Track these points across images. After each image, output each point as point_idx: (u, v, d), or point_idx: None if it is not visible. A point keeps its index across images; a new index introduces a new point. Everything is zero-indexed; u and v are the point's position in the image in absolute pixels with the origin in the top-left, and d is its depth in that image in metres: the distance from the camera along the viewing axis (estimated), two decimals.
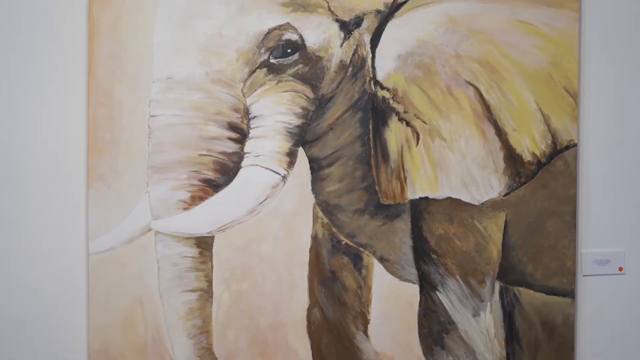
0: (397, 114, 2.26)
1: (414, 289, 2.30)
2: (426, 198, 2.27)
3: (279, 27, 2.24)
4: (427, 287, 2.29)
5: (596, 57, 2.38)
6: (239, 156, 2.25)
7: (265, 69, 2.25)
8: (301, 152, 2.28)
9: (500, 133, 2.24)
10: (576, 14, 2.30)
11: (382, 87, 2.26)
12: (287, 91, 2.26)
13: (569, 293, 2.27)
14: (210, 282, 2.28)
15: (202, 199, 2.24)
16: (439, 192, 2.27)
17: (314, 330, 2.30)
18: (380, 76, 2.27)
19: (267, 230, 2.28)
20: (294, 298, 2.30)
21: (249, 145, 2.25)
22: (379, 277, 2.31)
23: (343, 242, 2.30)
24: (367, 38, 2.27)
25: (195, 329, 2.28)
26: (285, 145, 2.26)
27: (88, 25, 2.24)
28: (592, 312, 2.33)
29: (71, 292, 2.26)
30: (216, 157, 2.24)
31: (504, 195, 2.19)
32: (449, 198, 2.25)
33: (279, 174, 2.26)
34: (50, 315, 2.24)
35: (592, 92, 2.37)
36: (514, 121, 2.25)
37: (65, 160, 2.24)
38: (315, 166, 2.28)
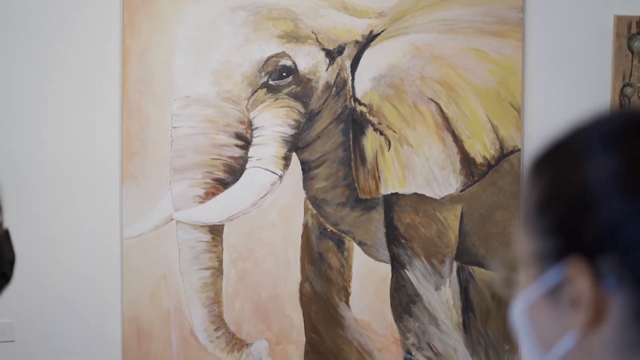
0: (373, 125, 2.45)
1: (387, 268, 2.48)
2: (396, 193, 2.46)
3: (276, 55, 2.44)
4: (397, 266, 2.47)
5: (536, 78, 2.51)
6: (244, 160, 2.46)
7: (265, 89, 2.45)
8: (294, 156, 2.48)
9: (457, 140, 2.43)
10: (519, 43, 2.46)
11: (360, 103, 2.46)
12: (282, 107, 2.46)
13: None
14: (220, 261, 2.47)
15: (214, 194, 2.45)
16: (407, 189, 2.46)
17: (305, 301, 2.48)
18: (358, 94, 2.46)
19: (267, 220, 2.47)
20: (289, 275, 2.48)
21: (252, 151, 2.46)
22: (358, 258, 2.48)
23: (329, 230, 2.49)
24: (348, 63, 2.47)
25: (209, 300, 2.47)
26: (282, 150, 2.47)
27: (122, 54, 2.45)
28: None
29: (108, 271, 2.46)
30: (225, 160, 2.45)
31: (460, 191, 2.39)
32: (415, 193, 2.44)
33: (277, 174, 2.46)
34: (91, 290, 2.45)
35: (533, 107, 2.50)
36: (469, 130, 2.44)
37: (103, 164, 2.46)
38: (306, 168, 2.47)
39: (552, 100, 2.51)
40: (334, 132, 2.48)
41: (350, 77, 2.48)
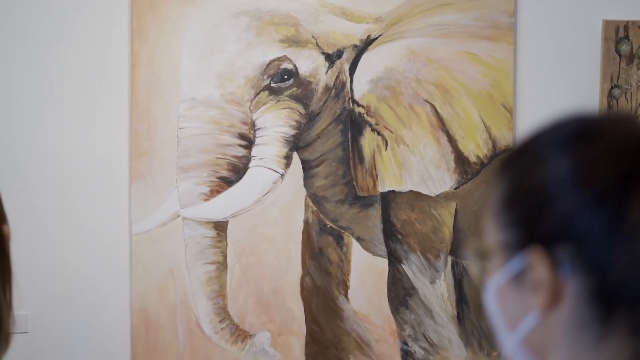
0: (370, 125, 2.47)
1: (384, 262, 2.50)
2: (393, 191, 2.48)
3: (278, 59, 2.46)
4: (394, 260, 2.49)
5: (527, 80, 2.53)
6: (247, 159, 2.48)
7: (267, 91, 2.47)
8: (295, 155, 2.50)
9: (452, 140, 2.46)
10: (511, 46, 2.48)
11: (359, 105, 2.48)
12: (284, 108, 2.48)
13: None
14: (225, 256, 2.48)
15: (218, 192, 2.48)
16: (403, 186, 2.48)
17: (306, 294, 2.50)
18: (357, 96, 2.48)
19: (269, 216, 2.49)
20: (290, 269, 2.50)
21: (254, 151, 2.48)
22: (357, 252, 2.50)
23: (328, 226, 2.50)
24: (346, 67, 2.48)
25: (214, 293, 2.48)
26: (283, 150, 2.49)
27: (130, 58, 2.47)
28: None
29: (118, 265, 2.48)
30: (229, 159, 2.47)
31: (454, 189, 2.42)
32: (411, 191, 2.46)
33: (278, 173, 2.48)
34: (101, 283, 2.47)
35: (525, 108, 2.51)
36: (462, 131, 2.46)
37: (113, 163, 2.48)
38: (306, 166, 2.49)
39: (542, 101, 2.53)
40: (333, 132, 2.50)
41: (349, 80, 2.49)
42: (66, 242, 2.41)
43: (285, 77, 2.47)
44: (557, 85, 2.53)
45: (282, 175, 2.49)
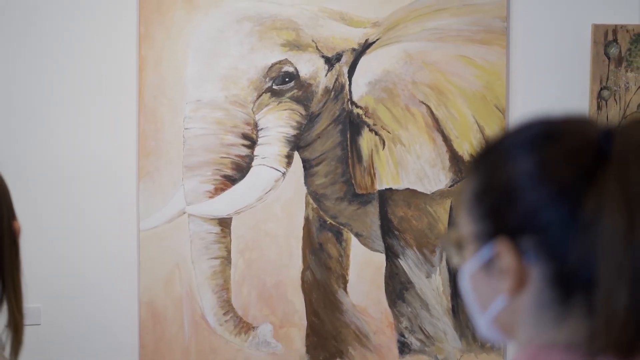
0: (368, 126, 2.48)
1: (382, 257, 2.50)
2: (390, 189, 2.47)
3: (280, 62, 2.46)
4: (391, 255, 2.49)
5: (519, 82, 2.51)
6: (250, 158, 2.48)
7: (269, 93, 2.47)
8: (296, 155, 2.50)
9: (447, 140, 2.46)
10: (504, 50, 2.47)
11: (357, 106, 2.48)
12: (285, 109, 2.48)
13: None
14: (229, 251, 2.48)
15: (223, 190, 2.48)
16: (400, 184, 2.48)
17: (306, 287, 2.50)
18: (355, 98, 2.48)
19: (271, 213, 2.49)
20: (292, 263, 2.49)
21: (257, 150, 2.48)
22: (355, 248, 2.50)
23: (328, 222, 2.50)
24: (345, 69, 2.48)
25: (218, 286, 2.48)
26: (285, 149, 2.49)
27: (138, 62, 2.47)
28: None
29: (126, 260, 2.48)
30: (233, 159, 2.48)
31: (449, 187, 2.43)
32: (408, 189, 2.46)
33: (280, 171, 2.48)
34: (110, 277, 2.48)
35: (517, 109, 2.50)
36: (457, 131, 2.46)
37: (121, 162, 2.48)
38: (307, 165, 2.50)
39: (534, 102, 2.51)
40: (332, 132, 2.49)
41: (348, 82, 2.49)
42: (77, 238, 2.42)
43: (287, 79, 2.47)
44: (548, 87, 2.53)
45: (284, 173, 2.49)
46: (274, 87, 2.47)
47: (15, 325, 1.39)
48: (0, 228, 1.34)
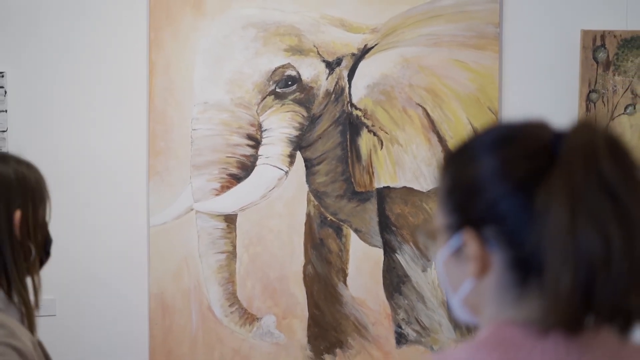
0: (367, 127, 2.49)
1: (380, 252, 2.50)
2: (388, 187, 2.48)
3: (283, 66, 2.47)
4: (389, 250, 2.50)
5: (511, 85, 2.52)
6: (254, 158, 2.49)
7: (272, 96, 2.47)
8: (298, 154, 2.50)
9: (442, 140, 2.46)
10: (496, 54, 2.47)
11: (356, 108, 2.49)
12: (288, 111, 2.48)
13: None
14: (234, 246, 2.49)
15: (228, 188, 2.48)
16: (398, 183, 2.48)
17: (308, 281, 2.50)
18: (354, 100, 2.49)
19: (275, 210, 2.49)
20: (294, 258, 2.50)
21: (261, 150, 2.49)
22: (355, 243, 2.51)
23: (328, 218, 2.51)
24: (345, 73, 2.48)
25: (224, 279, 2.49)
26: (287, 149, 2.49)
27: (148, 66, 2.48)
28: None
29: (137, 254, 2.49)
30: (238, 158, 2.48)
31: None
32: (405, 187, 2.47)
33: (283, 170, 2.49)
34: (122, 270, 2.48)
35: (509, 111, 2.51)
36: (451, 132, 2.47)
37: (133, 161, 2.49)
38: (309, 164, 2.50)
39: (526, 105, 2.52)
40: (333, 133, 2.50)
41: (347, 85, 2.49)
42: (90, 233, 2.43)
43: (289, 83, 2.47)
44: (539, 90, 2.53)
45: (287, 172, 2.49)
46: (277, 90, 2.47)
47: (25, 304, 1.43)
48: None
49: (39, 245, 1.45)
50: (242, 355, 2.50)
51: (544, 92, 2.54)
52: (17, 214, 1.38)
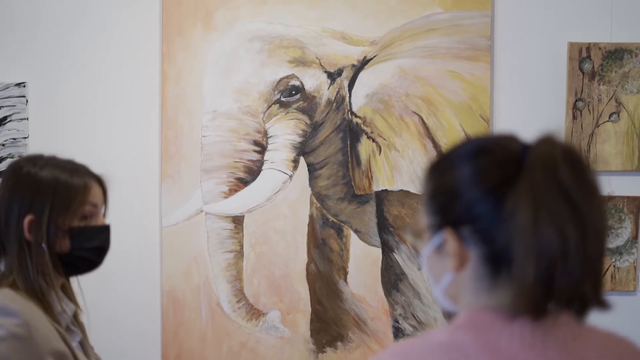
0: (366, 134, 2.50)
1: (378, 251, 2.51)
2: (386, 190, 2.50)
3: (287, 77, 2.49)
4: (387, 250, 2.51)
5: (502, 94, 2.53)
6: (260, 162, 2.50)
7: (277, 105, 2.49)
8: (302, 159, 2.52)
9: (436, 146, 2.48)
10: (488, 65, 2.48)
11: (356, 116, 2.50)
12: (292, 119, 2.50)
13: None
14: (242, 246, 2.51)
15: (236, 191, 2.51)
16: (395, 186, 2.49)
17: (311, 278, 2.52)
18: (354, 108, 2.50)
19: (279, 212, 2.51)
20: (298, 257, 2.52)
21: (267, 155, 2.50)
22: (354, 243, 2.52)
23: (330, 220, 2.52)
24: (346, 83, 2.49)
25: (232, 277, 2.51)
26: (291, 155, 2.51)
27: (161, 77, 2.51)
28: None
29: (150, 253, 2.53)
30: (245, 163, 2.50)
31: None
32: (402, 190, 2.49)
33: (287, 174, 2.51)
34: (136, 268, 2.52)
35: (500, 119, 2.52)
36: (446, 138, 2.48)
37: (146, 165, 2.52)
38: (311, 169, 2.52)
39: (516, 113, 2.54)
40: (334, 139, 2.51)
41: (348, 95, 2.49)
42: None
43: (293, 92, 2.49)
44: (529, 99, 2.55)
45: (291, 176, 2.50)
46: (282, 99, 2.49)
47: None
48: (8, 223, 1.37)
49: (62, 250, 1.41)
50: (249, 348, 2.52)
51: (533, 100, 2.56)
52: (29, 217, 1.37)
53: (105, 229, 1.50)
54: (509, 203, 0.85)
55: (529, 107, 2.57)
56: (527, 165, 0.86)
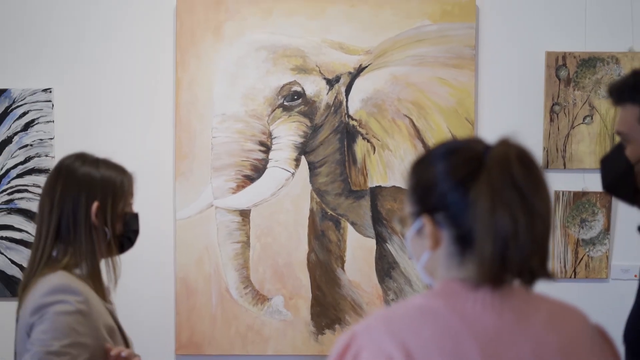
0: (362, 135, 2.56)
1: (373, 242, 2.57)
2: (380, 186, 2.55)
3: (290, 83, 2.54)
4: (380, 240, 2.57)
5: (486, 99, 2.60)
6: (265, 161, 2.55)
7: (281, 108, 2.54)
8: (303, 158, 2.57)
9: (426, 146, 2.52)
10: (473, 72, 2.55)
11: (352, 119, 2.55)
12: (294, 122, 2.55)
13: None
14: (248, 237, 2.56)
15: (243, 187, 2.55)
16: (388, 182, 2.55)
17: (311, 266, 2.57)
18: (351, 112, 2.55)
19: (283, 206, 2.56)
20: (299, 247, 2.57)
21: (271, 155, 2.55)
22: (351, 234, 2.57)
23: (329, 213, 2.57)
24: (343, 89, 2.54)
25: (239, 265, 2.56)
26: (294, 154, 2.56)
27: (175, 83, 2.56)
28: None
29: (165, 244, 2.58)
30: (252, 162, 2.55)
31: None
32: (394, 186, 2.54)
33: (290, 172, 2.55)
34: (152, 258, 2.57)
35: (484, 121, 2.60)
36: (434, 139, 2.54)
37: (162, 164, 2.58)
38: (312, 167, 2.56)
39: (498, 116, 2.61)
40: (332, 140, 2.55)
41: (345, 99, 2.54)
42: None
43: (295, 97, 2.52)
44: (510, 103, 2.61)
45: (293, 174, 2.54)
46: (285, 103, 2.53)
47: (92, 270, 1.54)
48: (77, 210, 1.52)
49: (117, 232, 1.59)
50: (255, 330, 2.57)
51: (514, 104, 2.62)
52: (95, 205, 1.54)
53: (138, 216, 1.66)
54: (473, 194, 0.98)
55: (510, 111, 2.63)
56: (487, 163, 0.99)
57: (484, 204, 0.96)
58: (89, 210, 1.52)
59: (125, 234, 1.63)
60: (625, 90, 1.33)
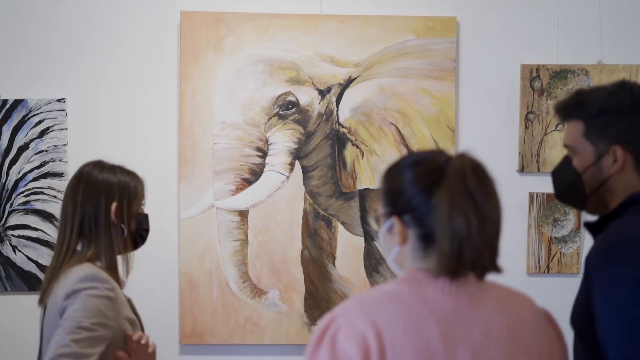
0: (351, 141, 2.63)
1: (361, 240, 2.64)
2: (368, 188, 2.63)
3: (285, 94, 2.60)
4: (368, 239, 2.64)
5: (466, 108, 2.69)
6: (262, 165, 2.61)
7: (276, 117, 2.60)
8: (297, 163, 2.63)
9: (410, 151, 2.43)
10: (454, 83, 2.62)
11: (342, 127, 2.62)
12: (289, 129, 2.61)
13: None
14: (246, 235, 2.61)
15: (242, 189, 2.61)
16: (375, 185, 2.62)
17: (305, 262, 2.64)
18: (341, 120, 2.62)
19: (278, 207, 2.63)
20: (294, 245, 2.63)
21: (268, 159, 2.61)
22: (341, 233, 2.63)
23: (321, 213, 2.63)
24: (334, 99, 2.61)
25: (238, 261, 2.61)
26: (288, 159, 2.62)
27: (179, 94, 2.63)
28: None
29: (170, 241, 2.64)
30: (250, 166, 2.61)
31: None
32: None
33: (285, 175, 2.62)
34: (158, 255, 2.62)
35: (464, 129, 2.68)
36: (418, 145, 2.62)
37: (166, 168, 2.64)
38: (305, 171, 2.63)
39: (477, 124, 2.70)
40: (324, 146, 2.62)
41: (336, 108, 2.60)
42: None
43: (290, 106, 2.59)
44: (488, 112, 2.70)
45: (288, 177, 2.60)
46: (280, 112, 2.59)
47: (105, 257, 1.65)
48: (97, 211, 1.64)
49: (132, 230, 1.73)
50: (253, 321, 2.64)
51: (492, 113, 2.70)
52: (114, 205, 1.68)
53: (148, 216, 1.81)
54: (434, 199, 1.11)
55: (488, 119, 2.71)
56: (447, 173, 1.12)
57: (443, 208, 1.09)
58: (109, 210, 1.65)
59: (138, 232, 1.76)
60: (570, 108, 1.47)
